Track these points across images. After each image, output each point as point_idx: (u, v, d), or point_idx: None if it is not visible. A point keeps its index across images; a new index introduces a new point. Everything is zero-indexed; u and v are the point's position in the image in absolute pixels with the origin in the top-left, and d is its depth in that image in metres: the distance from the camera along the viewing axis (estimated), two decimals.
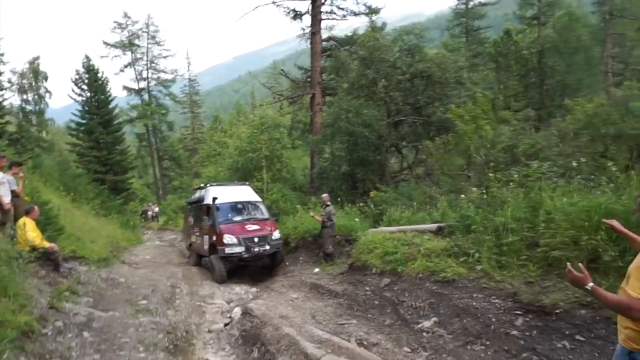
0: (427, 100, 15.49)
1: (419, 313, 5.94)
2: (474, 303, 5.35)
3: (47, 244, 7.63)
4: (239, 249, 10.69)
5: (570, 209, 5.13)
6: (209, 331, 7.17)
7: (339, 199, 13.11)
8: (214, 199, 11.43)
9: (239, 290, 10.16)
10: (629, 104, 17.91)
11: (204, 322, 7.65)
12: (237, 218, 11.80)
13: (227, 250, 10.64)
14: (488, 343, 4.72)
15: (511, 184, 6.60)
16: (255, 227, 11.39)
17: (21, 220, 7.60)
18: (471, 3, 39.99)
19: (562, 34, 32.07)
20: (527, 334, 4.52)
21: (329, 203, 10.97)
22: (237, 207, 12.26)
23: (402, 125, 16.12)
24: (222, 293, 9.86)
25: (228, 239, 10.71)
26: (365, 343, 5.52)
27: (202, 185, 14.51)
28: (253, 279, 11.35)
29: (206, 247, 11.70)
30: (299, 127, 27.05)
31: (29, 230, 7.47)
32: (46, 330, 4.85)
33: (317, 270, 10.28)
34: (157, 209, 31.91)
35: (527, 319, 4.67)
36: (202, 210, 12.41)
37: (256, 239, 10.96)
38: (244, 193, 13.05)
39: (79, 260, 9.29)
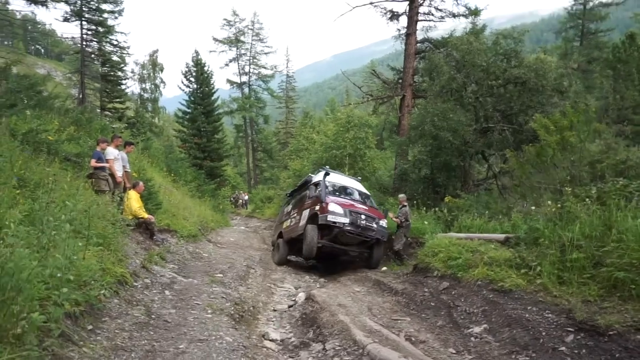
0: (520, 108, 14.79)
1: (471, 318, 5.96)
2: (527, 315, 5.28)
3: (146, 215, 8.82)
4: (344, 219, 9.89)
5: None
6: (274, 310, 7.80)
7: (415, 202, 13.13)
8: (326, 173, 11.17)
9: (308, 278, 10.74)
10: None
11: (270, 301, 8.32)
12: (347, 197, 11.27)
13: (330, 217, 9.81)
14: (534, 355, 4.67)
15: (587, 199, 6.27)
16: (364, 207, 10.85)
17: (128, 192, 8.88)
18: (590, 3, 36.69)
19: None
20: (576, 351, 4.41)
21: (405, 204, 11.12)
22: (347, 190, 11.79)
23: (490, 133, 15.57)
24: (292, 279, 10.52)
25: (333, 207, 10.01)
26: (413, 339, 5.70)
27: (309, 174, 14.17)
28: (325, 270, 11.86)
29: (303, 222, 10.90)
30: (388, 128, 27.13)
31: (133, 201, 8.70)
32: (136, 283, 5.76)
33: (384, 268, 10.51)
34: (246, 197, 34.04)
35: (579, 337, 4.55)
36: (307, 190, 12.01)
37: (363, 216, 10.24)
38: (356, 183, 12.71)
39: (171, 233, 10.51)
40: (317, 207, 10.29)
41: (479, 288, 6.47)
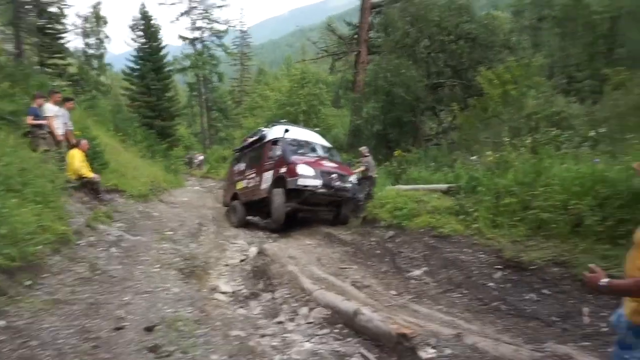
0: (470, 64, 15.10)
1: (412, 263, 6.30)
2: (462, 257, 5.65)
3: (91, 175, 8.52)
4: (316, 182, 9.00)
5: (566, 175, 5.22)
6: (226, 265, 7.87)
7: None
8: (286, 130, 10.06)
9: (262, 234, 10.83)
10: None
11: (223, 257, 8.38)
12: (312, 155, 10.32)
13: (300, 181, 8.91)
14: (466, 292, 5.04)
15: (523, 149, 6.63)
16: (333, 164, 9.91)
17: (71, 151, 8.51)
18: None
19: None
20: (502, 286, 4.81)
21: (367, 154, 11.07)
22: (310, 146, 10.75)
23: (441, 88, 15.90)
24: (245, 235, 10.58)
25: (303, 169, 9.06)
26: (358, 284, 5.98)
27: (260, 128, 12.89)
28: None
29: (265, 185, 10.04)
30: (344, 86, 27.05)
31: (76, 160, 8.36)
32: (80, 242, 5.65)
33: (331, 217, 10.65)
34: (202, 158, 33.34)
35: (505, 273, 4.94)
36: (263, 149, 10.80)
37: (335, 175, 9.38)
38: (316, 137, 11.62)
39: (120, 193, 10.22)
40: (283, 170, 9.38)
41: (421, 235, 6.80)
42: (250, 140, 12.31)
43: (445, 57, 15.19)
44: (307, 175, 9.00)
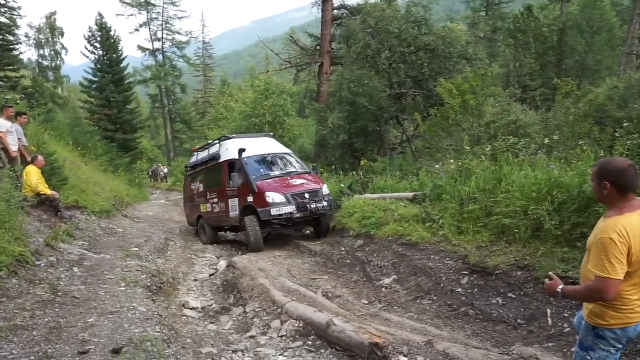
0: (430, 74, 15.55)
1: (382, 271, 6.39)
2: (430, 264, 5.77)
3: (49, 191, 8.19)
4: (289, 209, 8.52)
5: (524, 181, 5.45)
6: (195, 279, 7.76)
7: (334, 167, 13.49)
8: (241, 150, 9.23)
9: (230, 247, 10.73)
10: None
11: (191, 271, 8.25)
12: (275, 172, 9.64)
13: (274, 211, 8.45)
14: (435, 298, 5.16)
15: (483, 157, 6.89)
16: (301, 180, 9.28)
17: (27, 168, 8.15)
18: None
19: (585, 11, 31.25)
20: (469, 291, 4.95)
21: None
22: (270, 161, 10.06)
23: (404, 98, 16.27)
24: (214, 248, 10.44)
25: (273, 197, 8.56)
26: (329, 295, 6.02)
27: (210, 142, 12.29)
28: None
29: (234, 213, 9.56)
30: (309, 95, 27.21)
31: (33, 176, 8.02)
32: (39, 262, 5.42)
33: (307, 232, 10.72)
34: (166, 170, 32.73)
35: (472, 278, 5.09)
36: (219, 170, 10.23)
37: (307, 195, 8.81)
38: (272, 145, 10.81)
39: (80, 209, 9.86)
40: (250, 199, 8.88)
41: (389, 243, 6.92)
42: (202, 156, 11.66)
43: (406, 67, 15.56)
44: (278, 203, 8.53)
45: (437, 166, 8.01)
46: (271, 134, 12.27)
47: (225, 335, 4.94)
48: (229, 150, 10.04)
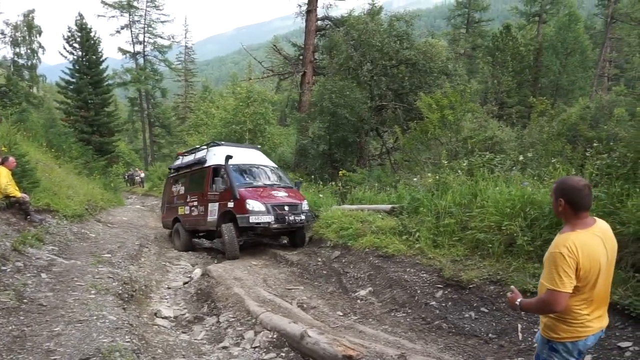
0: (411, 88, 15.79)
1: (358, 283, 6.40)
2: (406, 276, 5.81)
3: (19, 194, 7.95)
4: (267, 218, 8.62)
5: (499, 197, 5.57)
6: (168, 288, 7.61)
7: (313, 177, 13.51)
8: (228, 157, 9.33)
9: (206, 254, 10.58)
10: (614, 108, 18.39)
11: (165, 279, 8.09)
12: (259, 183, 9.83)
13: (253, 218, 8.54)
14: (409, 311, 5.19)
15: (460, 171, 7.01)
16: (283, 193, 9.50)
17: None
18: None
19: (560, 33, 32.31)
20: (443, 305, 4.99)
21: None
22: (255, 171, 10.21)
23: (384, 110, 16.45)
24: (189, 256, 10.28)
25: (253, 204, 8.65)
26: (305, 306, 5.98)
27: (197, 146, 12.31)
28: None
29: (212, 218, 9.68)
30: (291, 104, 27.30)
31: (3, 178, 7.78)
32: (5, 267, 5.24)
33: (285, 241, 10.66)
34: (143, 175, 32.19)
35: (446, 292, 5.15)
36: (203, 175, 10.32)
37: (287, 207, 9.01)
38: (258, 157, 11.01)
39: (52, 213, 9.60)
40: (231, 205, 9.01)
41: (366, 255, 6.95)
42: (187, 159, 11.72)
43: (387, 80, 15.77)
44: (258, 212, 8.63)
45: (415, 179, 8.10)
46: (259, 146, 12.41)
47: (198, 346, 4.86)
48: (216, 156, 10.11)
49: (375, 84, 15.65)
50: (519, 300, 2.34)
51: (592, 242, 2.17)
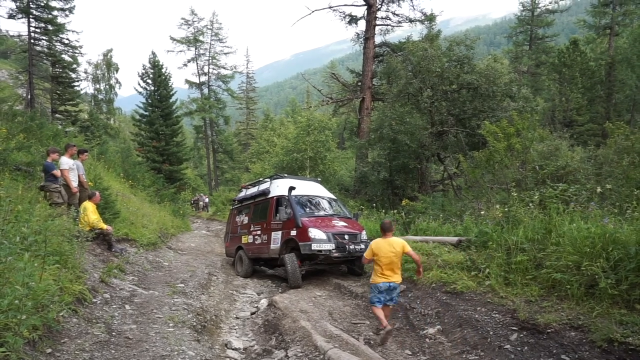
0: (473, 112, 15.48)
1: (426, 320, 6.27)
2: (477, 315, 5.62)
3: (104, 226, 8.65)
4: (328, 246, 8.90)
5: (576, 235, 5.28)
6: (237, 317, 7.86)
7: (374, 204, 13.48)
8: (291, 188, 9.84)
9: (270, 283, 10.83)
10: None
11: (233, 309, 8.37)
12: (319, 213, 10.23)
13: (315, 246, 8.86)
14: (482, 354, 5.00)
15: (531, 204, 6.74)
16: (343, 223, 9.81)
17: (84, 204, 8.66)
18: (538, 10, 38.55)
19: (636, 45, 30.33)
20: (519, 349, 4.77)
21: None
22: (315, 202, 10.66)
23: (445, 136, 16.20)
24: (254, 284, 10.58)
25: (315, 233, 9.00)
26: (372, 342, 5.95)
27: (260, 179, 12.98)
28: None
29: (275, 246, 10.09)
30: (349, 128, 27.60)
31: (91, 213, 8.50)
32: (95, 299, 5.69)
33: (345, 268, 10.65)
34: (207, 200, 33.61)
35: (522, 335, 4.91)
36: (267, 205, 10.86)
37: (347, 237, 9.28)
38: (318, 189, 11.49)
39: (130, 242, 10.32)
40: (294, 233, 9.38)
41: (433, 290, 6.80)
42: (251, 191, 12.31)
43: (448, 105, 15.58)
44: (319, 240, 8.95)
45: (482, 212, 7.87)
46: (319, 179, 12.85)
47: None
48: (279, 187, 10.69)
49: (435, 110, 15.49)
50: None
51: None
